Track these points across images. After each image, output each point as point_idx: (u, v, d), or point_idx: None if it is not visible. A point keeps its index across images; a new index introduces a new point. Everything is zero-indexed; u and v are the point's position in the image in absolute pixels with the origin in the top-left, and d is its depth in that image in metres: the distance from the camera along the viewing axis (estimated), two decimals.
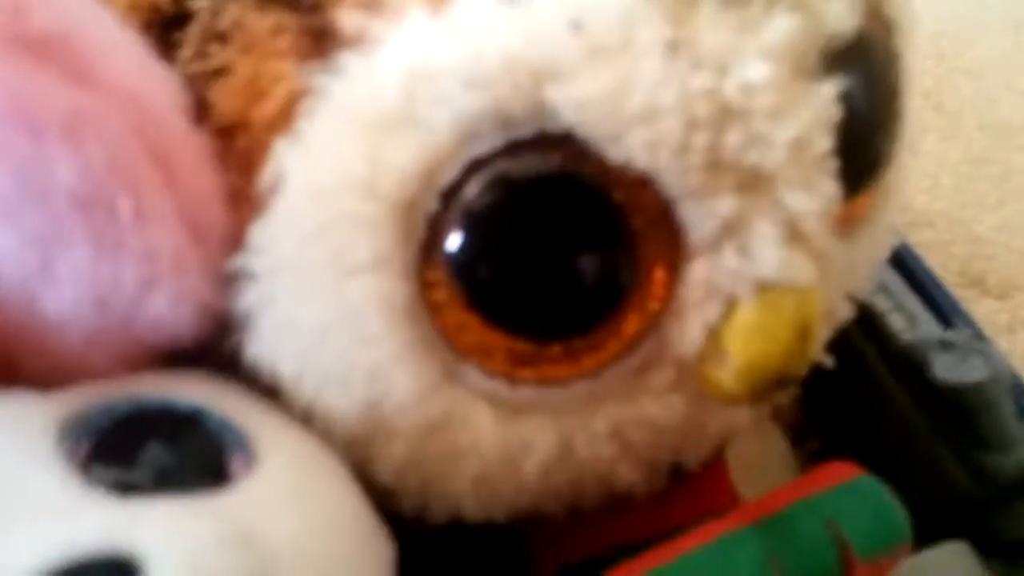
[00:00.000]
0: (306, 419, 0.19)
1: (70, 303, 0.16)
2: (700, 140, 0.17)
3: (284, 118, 0.18)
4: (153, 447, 0.16)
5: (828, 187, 0.19)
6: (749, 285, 0.18)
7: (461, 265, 0.18)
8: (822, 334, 0.20)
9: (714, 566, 0.19)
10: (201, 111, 0.18)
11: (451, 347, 0.19)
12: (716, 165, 0.17)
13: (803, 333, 0.18)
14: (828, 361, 0.23)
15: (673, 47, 0.17)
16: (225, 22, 0.19)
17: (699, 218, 0.18)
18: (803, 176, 0.18)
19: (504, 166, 0.18)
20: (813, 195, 0.18)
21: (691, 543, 0.19)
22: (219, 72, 0.19)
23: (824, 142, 0.18)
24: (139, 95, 0.16)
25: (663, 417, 0.20)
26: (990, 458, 0.24)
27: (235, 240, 0.19)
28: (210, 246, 0.18)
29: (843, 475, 0.20)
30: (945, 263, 0.49)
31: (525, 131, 0.17)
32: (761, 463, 0.27)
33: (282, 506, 0.16)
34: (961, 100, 0.54)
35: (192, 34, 0.19)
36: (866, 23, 0.20)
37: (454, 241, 0.18)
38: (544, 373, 0.19)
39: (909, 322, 0.26)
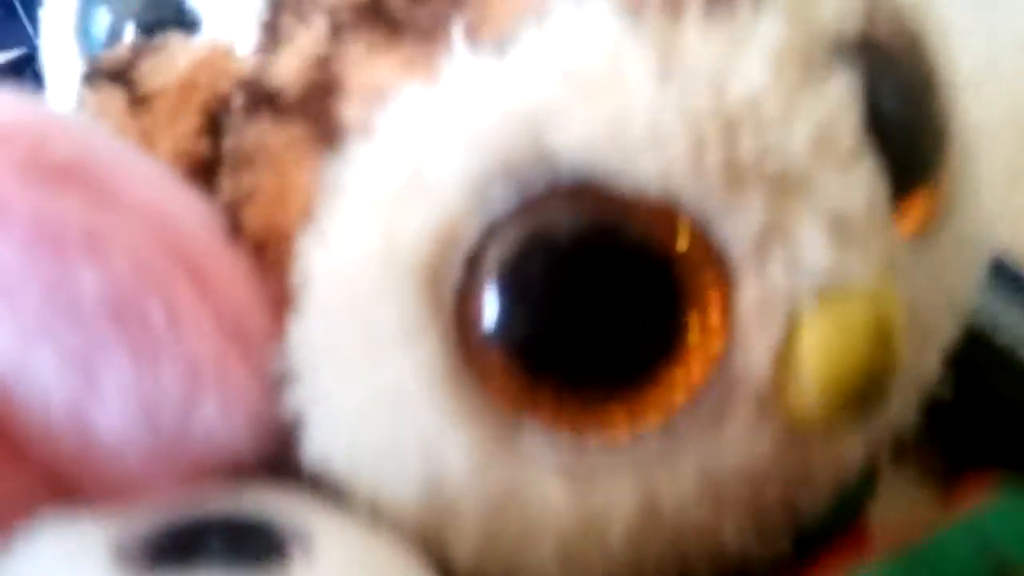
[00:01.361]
0: (373, 516, 0.19)
1: (119, 420, 0.17)
2: (713, 157, 0.17)
3: (306, 220, 0.19)
4: (212, 554, 0.16)
5: (866, 178, 0.18)
6: (808, 295, 0.17)
7: (501, 330, 0.18)
8: (910, 338, 0.18)
9: None
10: (235, 232, 0.20)
11: (504, 412, 0.18)
12: (738, 178, 0.17)
13: (881, 337, 0.17)
14: (946, 390, 0.22)
15: (665, 72, 0.17)
16: (249, 145, 0.20)
17: (736, 235, 0.17)
18: (837, 171, 0.17)
19: (526, 226, 0.18)
20: (852, 188, 0.17)
21: None
22: (251, 195, 0.20)
23: (848, 135, 0.18)
24: (165, 213, 0.18)
25: (753, 459, 0.18)
26: None
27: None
28: (255, 354, 0.19)
29: (988, 491, 0.18)
30: None
31: (537, 185, 0.17)
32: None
33: None
34: None
35: (225, 166, 0.21)
36: (875, 26, 0.19)
37: (490, 307, 0.18)
38: (610, 432, 0.18)
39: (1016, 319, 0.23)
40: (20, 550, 0.16)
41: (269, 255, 0.20)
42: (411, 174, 0.18)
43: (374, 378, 0.18)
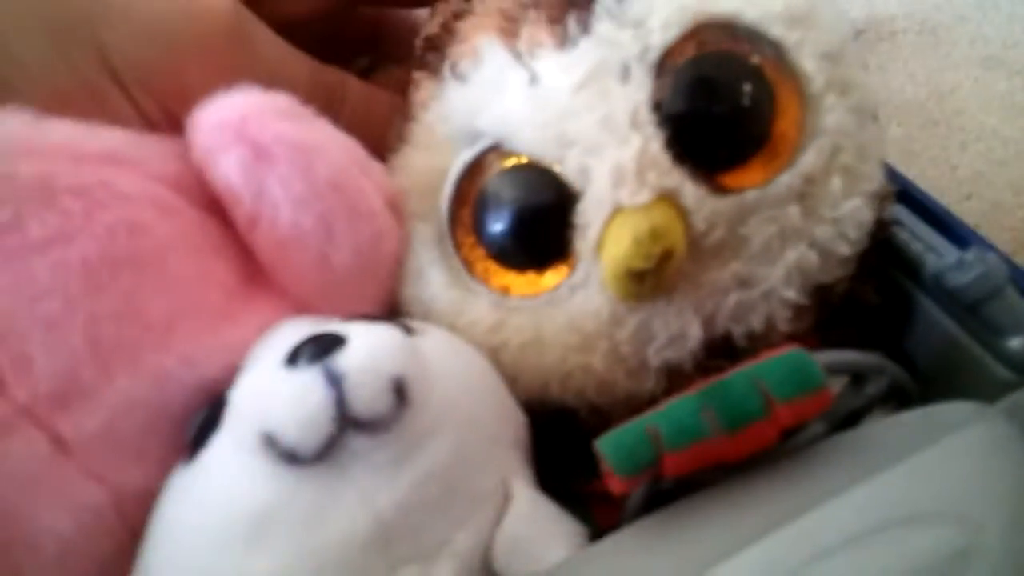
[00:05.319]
0: None
1: (345, 257, 0.30)
2: (551, 131, 0.30)
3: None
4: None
5: (637, 142, 0.29)
6: (605, 211, 0.29)
7: (474, 226, 0.32)
8: (666, 241, 0.28)
9: (658, 418, 0.25)
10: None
11: (468, 268, 0.32)
12: (564, 142, 0.30)
13: (638, 239, 0.28)
14: (874, 298, 0.33)
15: (530, 82, 0.31)
16: None
17: (568, 174, 0.30)
18: (617, 136, 0.29)
19: (483, 167, 0.32)
20: (626, 149, 0.29)
21: (648, 412, 0.26)
22: None
23: (625, 118, 0.29)
24: (349, 145, 0.31)
25: (602, 313, 0.30)
26: (1014, 343, 0.29)
27: None
28: (400, 217, 0.33)
29: (779, 351, 0.26)
30: None
31: (482, 145, 0.32)
32: None
33: (439, 348, 0.28)
34: None
35: None
36: (678, 51, 0.30)
37: (472, 213, 0.32)
38: (520, 289, 0.32)
39: (936, 255, 0.32)
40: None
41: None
42: (430, 131, 0.33)
43: (415, 234, 0.33)
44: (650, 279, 0.28)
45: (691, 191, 0.29)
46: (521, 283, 0.32)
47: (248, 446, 0.24)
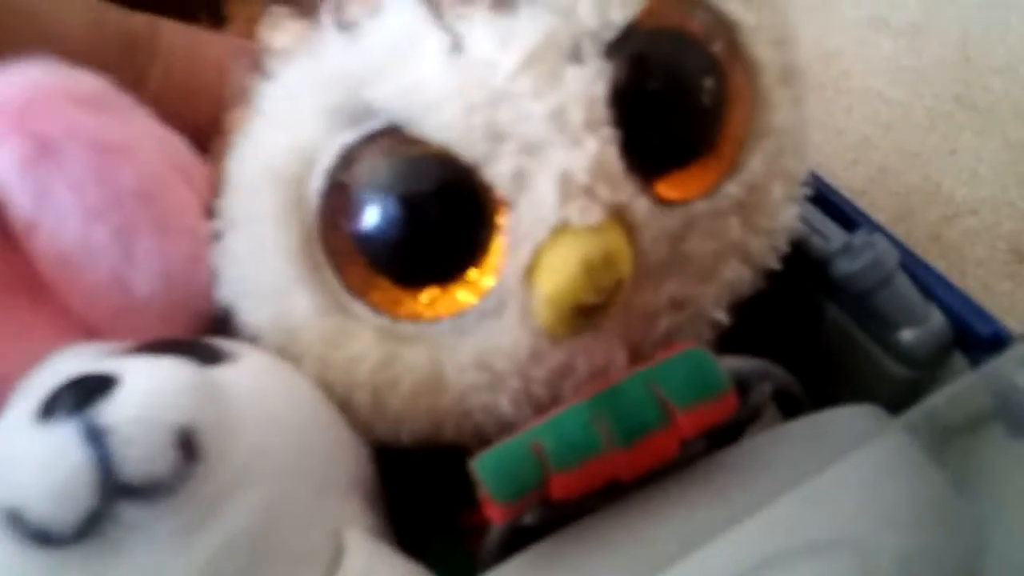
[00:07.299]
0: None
1: (148, 279, 0.24)
2: (478, 118, 0.23)
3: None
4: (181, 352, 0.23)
5: (593, 148, 0.23)
6: (543, 229, 0.23)
7: (356, 232, 0.24)
8: (620, 269, 0.23)
9: (543, 432, 0.22)
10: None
11: (344, 286, 0.25)
12: (495, 136, 0.23)
13: (590, 267, 0.22)
14: None
15: (454, 49, 0.23)
16: None
17: (497, 179, 0.23)
18: (569, 136, 0.23)
19: (371, 155, 0.24)
20: (578, 154, 0.22)
21: (533, 424, 0.23)
22: None
23: (580, 114, 0.23)
24: (160, 133, 0.25)
25: (518, 347, 0.24)
26: (905, 335, 0.27)
27: None
28: None
29: (674, 351, 0.23)
30: (994, 244, 0.50)
31: (366, 126, 0.24)
32: None
33: (251, 381, 0.23)
34: (993, 96, 0.55)
35: None
36: (654, 20, 0.24)
37: (350, 213, 0.24)
38: (416, 313, 0.25)
39: (822, 238, 0.29)
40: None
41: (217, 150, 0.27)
42: (293, 98, 0.25)
43: (269, 242, 0.25)
44: (595, 314, 0.23)
45: (642, 206, 0.24)
46: (415, 304, 0.25)
47: None
